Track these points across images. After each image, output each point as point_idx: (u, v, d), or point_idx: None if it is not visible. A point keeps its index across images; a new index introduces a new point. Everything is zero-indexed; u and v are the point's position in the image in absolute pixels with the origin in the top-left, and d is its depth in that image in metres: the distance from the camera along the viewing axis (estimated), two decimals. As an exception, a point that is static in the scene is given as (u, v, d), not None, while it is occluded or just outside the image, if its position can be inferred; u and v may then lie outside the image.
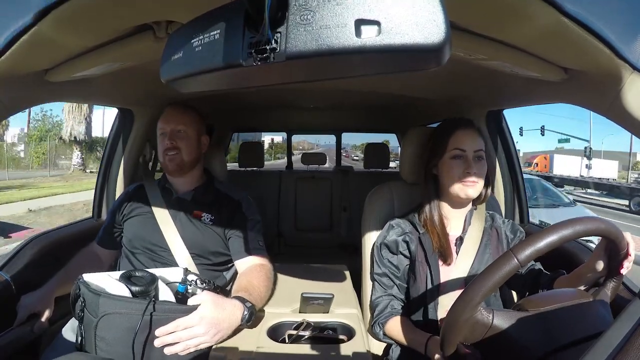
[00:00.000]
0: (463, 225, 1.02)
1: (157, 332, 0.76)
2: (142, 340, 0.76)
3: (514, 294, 1.18)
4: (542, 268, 0.97)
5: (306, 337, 0.88)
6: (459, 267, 0.97)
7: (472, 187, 0.93)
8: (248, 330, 0.88)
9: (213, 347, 0.81)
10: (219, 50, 0.40)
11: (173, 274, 0.92)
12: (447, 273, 0.97)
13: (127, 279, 0.83)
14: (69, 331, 0.99)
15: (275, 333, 0.89)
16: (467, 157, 0.94)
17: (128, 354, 0.76)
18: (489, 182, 1.01)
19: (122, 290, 0.80)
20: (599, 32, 0.50)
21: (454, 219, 1.02)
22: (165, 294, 0.86)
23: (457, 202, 1.00)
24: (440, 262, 0.98)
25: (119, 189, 1.52)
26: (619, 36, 0.52)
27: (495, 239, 1.02)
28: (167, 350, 0.76)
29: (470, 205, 1.03)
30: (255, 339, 0.84)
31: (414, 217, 1.04)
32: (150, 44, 0.71)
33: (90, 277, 0.81)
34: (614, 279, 0.71)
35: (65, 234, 1.31)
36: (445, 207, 1.02)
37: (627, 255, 0.69)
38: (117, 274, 0.85)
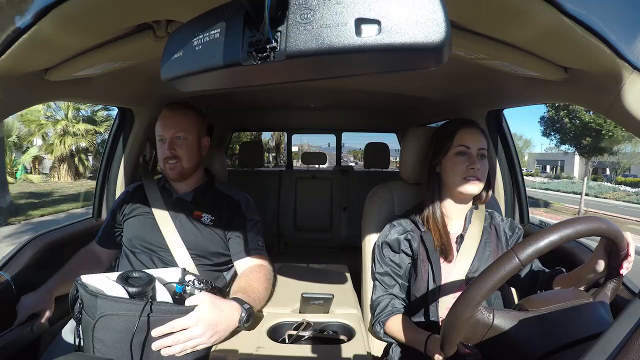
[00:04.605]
0: (464, 223, 1.03)
1: (154, 332, 0.75)
2: (140, 341, 0.76)
3: (514, 294, 1.18)
4: (541, 265, 0.98)
5: (306, 337, 0.88)
6: (459, 265, 0.98)
7: (474, 184, 0.95)
8: (247, 330, 0.88)
9: (213, 347, 0.81)
10: (219, 50, 0.40)
11: (171, 274, 0.92)
12: (448, 271, 0.98)
13: (124, 280, 0.83)
14: (69, 332, 0.99)
15: (275, 333, 0.89)
16: (471, 153, 0.96)
17: (125, 355, 0.76)
18: (490, 183, 1.02)
19: (120, 291, 0.80)
20: (599, 31, 0.50)
21: (455, 218, 1.03)
22: (163, 295, 0.86)
23: (459, 199, 1.01)
24: (442, 260, 0.98)
25: (119, 189, 1.52)
26: (619, 36, 0.52)
27: (494, 237, 1.03)
28: (164, 352, 0.75)
29: (470, 204, 1.03)
30: (255, 339, 0.84)
31: (416, 216, 1.05)
32: (150, 43, 0.70)
33: (88, 279, 0.81)
34: (614, 280, 0.71)
35: (65, 233, 1.31)
36: (447, 205, 1.02)
37: (627, 255, 0.69)
38: (114, 275, 0.84)
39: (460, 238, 1.01)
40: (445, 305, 0.96)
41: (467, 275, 0.96)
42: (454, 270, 0.97)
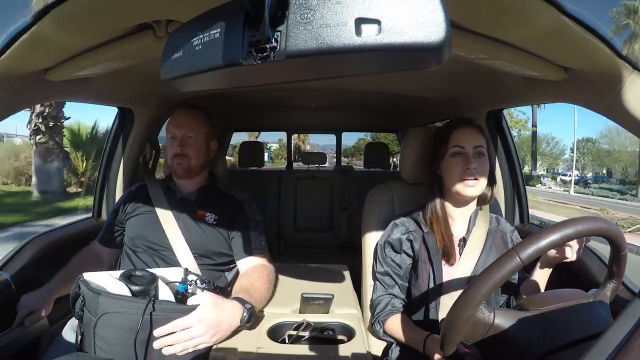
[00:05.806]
0: (467, 225, 1.02)
1: (156, 332, 0.75)
2: (142, 339, 0.76)
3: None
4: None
5: (306, 337, 0.88)
6: (461, 267, 0.97)
7: (473, 186, 0.94)
8: (248, 330, 0.88)
9: (213, 347, 0.81)
10: (219, 49, 0.40)
11: (173, 274, 0.92)
12: (450, 273, 0.97)
13: (127, 278, 0.83)
14: (69, 331, 0.99)
15: (275, 333, 0.89)
16: (467, 153, 0.94)
17: (126, 353, 0.76)
18: (493, 181, 1.01)
19: (122, 289, 0.80)
20: (599, 31, 0.50)
21: (458, 219, 1.02)
22: (165, 294, 0.86)
23: (460, 201, 1.00)
24: (443, 262, 0.97)
25: (119, 189, 1.52)
26: (619, 36, 0.52)
27: (500, 242, 1.01)
28: (166, 351, 0.76)
29: (474, 206, 1.02)
30: (255, 340, 0.84)
31: (419, 216, 1.04)
32: (150, 43, 0.70)
33: (90, 276, 0.81)
34: (614, 280, 0.71)
35: (65, 233, 1.31)
36: (450, 206, 1.02)
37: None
38: (117, 273, 0.84)
39: (463, 241, 1.00)
40: (445, 307, 0.95)
41: (469, 278, 0.96)
42: (456, 272, 0.97)
